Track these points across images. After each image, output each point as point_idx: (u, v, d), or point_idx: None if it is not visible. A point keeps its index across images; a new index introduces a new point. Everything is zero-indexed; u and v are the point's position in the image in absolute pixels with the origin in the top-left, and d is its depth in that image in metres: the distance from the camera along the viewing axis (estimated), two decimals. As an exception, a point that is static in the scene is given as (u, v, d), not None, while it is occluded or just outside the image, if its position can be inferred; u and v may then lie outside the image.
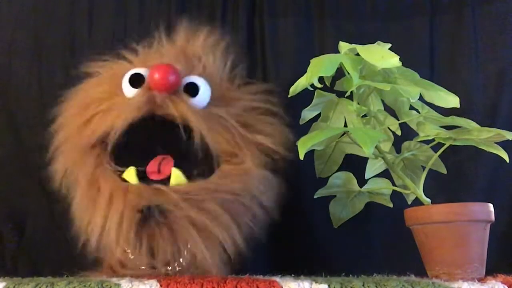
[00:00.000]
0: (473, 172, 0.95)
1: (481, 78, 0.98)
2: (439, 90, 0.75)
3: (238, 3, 1.00)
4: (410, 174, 0.84)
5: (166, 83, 0.66)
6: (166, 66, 0.68)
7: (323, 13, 1.01)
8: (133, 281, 0.57)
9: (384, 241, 0.95)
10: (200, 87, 0.70)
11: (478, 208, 0.70)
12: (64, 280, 0.57)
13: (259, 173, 0.72)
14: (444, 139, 0.75)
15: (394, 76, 0.77)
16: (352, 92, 0.77)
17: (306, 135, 0.72)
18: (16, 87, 0.95)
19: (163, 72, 0.66)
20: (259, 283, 0.58)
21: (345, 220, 0.87)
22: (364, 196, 0.86)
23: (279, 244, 0.93)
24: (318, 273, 0.68)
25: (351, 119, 0.83)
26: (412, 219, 0.73)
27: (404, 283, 0.59)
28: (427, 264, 0.72)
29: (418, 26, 1.00)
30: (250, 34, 0.99)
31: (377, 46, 0.75)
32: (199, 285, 0.57)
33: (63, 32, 0.97)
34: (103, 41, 0.97)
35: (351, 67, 0.72)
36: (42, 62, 0.95)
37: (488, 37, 0.99)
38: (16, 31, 0.96)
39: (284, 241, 0.93)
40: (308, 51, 0.98)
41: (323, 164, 0.87)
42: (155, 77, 0.66)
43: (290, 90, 0.76)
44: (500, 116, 0.96)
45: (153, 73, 0.66)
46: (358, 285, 0.57)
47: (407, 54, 0.74)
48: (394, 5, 1.01)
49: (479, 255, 0.70)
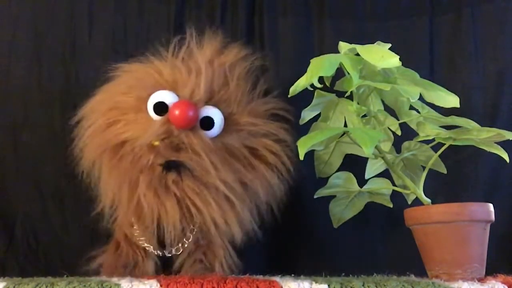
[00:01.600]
0: (473, 172, 0.95)
1: (480, 78, 0.98)
2: (439, 90, 0.75)
3: (238, 3, 1.00)
4: (410, 174, 0.84)
5: (184, 122, 0.73)
6: (187, 104, 0.73)
7: (322, 13, 1.01)
8: (133, 281, 0.57)
9: (384, 241, 0.95)
10: (215, 121, 0.75)
11: (478, 208, 0.70)
12: (64, 280, 0.57)
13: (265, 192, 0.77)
14: (444, 139, 0.75)
15: (394, 76, 0.77)
16: (352, 92, 0.77)
17: (306, 135, 0.72)
18: (16, 88, 0.94)
19: (183, 111, 0.72)
20: (259, 283, 0.58)
21: (345, 220, 0.87)
22: (364, 196, 0.86)
23: (279, 244, 0.93)
24: (318, 273, 0.68)
25: (351, 119, 0.83)
26: (412, 219, 0.73)
27: (404, 283, 0.59)
28: (427, 264, 0.72)
29: (418, 26, 1.00)
30: (249, 33, 0.99)
31: (377, 46, 0.75)
32: (199, 285, 0.57)
33: (63, 32, 0.96)
34: (103, 41, 0.97)
35: (351, 67, 0.72)
36: (42, 62, 0.95)
37: (488, 37, 0.99)
38: (16, 31, 0.96)
39: (284, 241, 0.93)
40: (307, 51, 0.98)
41: (323, 164, 0.87)
42: (175, 114, 0.72)
43: (290, 90, 0.76)
44: (499, 116, 0.96)
45: (174, 110, 0.72)
46: (358, 285, 0.57)
47: (407, 54, 0.74)
48: (393, 5, 1.01)
49: (479, 255, 0.70)
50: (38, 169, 0.93)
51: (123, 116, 0.76)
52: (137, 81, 0.79)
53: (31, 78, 0.95)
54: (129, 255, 0.79)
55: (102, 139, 0.76)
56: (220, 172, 0.73)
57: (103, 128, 0.76)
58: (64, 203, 0.93)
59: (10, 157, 0.93)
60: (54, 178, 0.93)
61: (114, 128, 0.76)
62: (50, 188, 0.93)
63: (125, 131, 0.75)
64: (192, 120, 0.73)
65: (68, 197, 0.92)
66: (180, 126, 0.73)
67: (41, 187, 0.93)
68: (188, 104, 0.73)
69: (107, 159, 0.75)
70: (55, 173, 0.92)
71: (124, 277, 0.60)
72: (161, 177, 0.72)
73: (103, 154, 0.76)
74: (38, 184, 0.93)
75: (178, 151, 0.73)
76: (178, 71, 0.78)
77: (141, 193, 0.72)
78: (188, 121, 0.73)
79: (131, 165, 0.73)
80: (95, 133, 0.77)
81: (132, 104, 0.77)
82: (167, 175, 0.72)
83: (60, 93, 0.95)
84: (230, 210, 0.74)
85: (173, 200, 0.72)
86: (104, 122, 0.76)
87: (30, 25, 0.96)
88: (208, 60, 0.79)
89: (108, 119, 0.77)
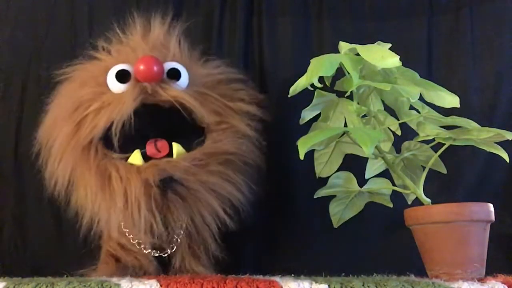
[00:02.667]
0: (473, 172, 0.95)
1: (479, 79, 0.98)
2: (439, 90, 0.75)
3: (236, 3, 1.00)
4: (410, 174, 0.84)
5: (153, 73, 0.71)
6: (150, 57, 0.72)
7: (321, 13, 1.01)
8: (133, 281, 0.57)
9: (384, 241, 0.95)
10: (181, 71, 0.76)
11: (478, 208, 0.70)
12: (64, 280, 0.58)
13: (245, 132, 0.78)
14: (444, 139, 0.75)
15: (394, 76, 0.77)
16: (352, 92, 0.77)
17: (306, 135, 0.72)
18: (16, 87, 0.94)
19: (148, 64, 0.71)
20: (259, 283, 0.58)
21: (345, 220, 0.87)
22: (364, 196, 0.86)
23: (279, 244, 0.93)
24: (318, 273, 0.68)
25: (351, 119, 0.83)
26: (412, 219, 0.73)
27: (404, 283, 0.59)
28: (427, 264, 0.72)
29: (416, 26, 1.00)
30: (248, 33, 0.99)
31: (377, 46, 0.75)
32: (199, 285, 0.57)
33: (63, 32, 0.97)
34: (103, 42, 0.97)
35: (351, 67, 0.72)
36: (42, 62, 0.95)
37: (486, 38, 0.99)
38: (16, 31, 0.96)
39: (283, 241, 0.93)
40: (306, 51, 0.98)
41: (323, 164, 0.87)
42: (141, 69, 0.71)
43: (290, 90, 0.76)
44: (497, 116, 0.96)
45: (138, 66, 0.71)
46: (358, 285, 0.57)
47: (405, 54, 0.74)
48: (392, 5, 1.01)
49: (479, 255, 0.70)
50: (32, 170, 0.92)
51: (89, 109, 0.73)
52: (89, 72, 0.78)
53: (30, 78, 0.95)
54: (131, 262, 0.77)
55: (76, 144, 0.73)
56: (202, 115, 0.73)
57: (73, 132, 0.73)
58: (54, 206, 0.91)
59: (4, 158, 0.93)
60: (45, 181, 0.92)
61: (85, 126, 0.73)
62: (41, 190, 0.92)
63: (98, 121, 0.72)
64: (159, 71, 0.72)
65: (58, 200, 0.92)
66: (150, 78, 0.71)
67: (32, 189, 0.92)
68: (150, 57, 0.72)
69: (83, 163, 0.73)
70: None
71: (124, 277, 0.60)
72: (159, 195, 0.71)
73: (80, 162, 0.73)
74: (28, 187, 0.92)
75: None
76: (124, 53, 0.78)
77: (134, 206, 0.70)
78: (156, 71, 0.71)
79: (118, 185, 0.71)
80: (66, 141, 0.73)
81: (93, 92, 0.74)
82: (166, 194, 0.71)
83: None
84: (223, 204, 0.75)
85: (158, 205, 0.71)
86: (72, 126, 0.73)
87: (30, 25, 0.96)
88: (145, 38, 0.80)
89: (74, 121, 0.73)
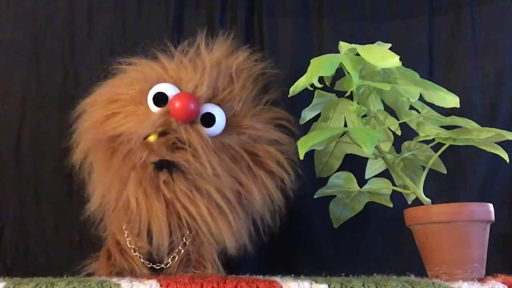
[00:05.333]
0: (473, 172, 0.95)
1: (480, 78, 0.98)
2: (439, 90, 0.75)
3: (237, 2, 0.99)
4: (410, 174, 0.84)
5: (185, 115, 0.69)
6: (188, 97, 0.70)
7: (321, 12, 1.01)
8: (133, 281, 0.57)
9: (384, 241, 0.95)
10: (217, 119, 0.72)
11: (478, 208, 0.70)
12: (64, 280, 0.57)
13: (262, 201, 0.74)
14: (444, 139, 0.75)
15: (394, 76, 0.77)
16: (352, 92, 0.77)
17: (306, 135, 0.72)
18: (15, 87, 0.94)
19: (184, 104, 0.69)
20: (259, 283, 0.57)
21: (345, 220, 0.87)
22: (364, 196, 0.86)
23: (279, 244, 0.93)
24: (318, 273, 0.68)
25: (351, 119, 0.83)
26: (412, 219, 0.73)
27: (404, 283, 0.59)
28: (427, 264, 0.72)
29: (417, 26, 1.00)
30: (248, 33, 0.99)
31: (377, 46, 0.75)
32: (199, 285, 0.57)
33: (63, 32, 0.96)
34: (103, 42, 0.97)
35: (351, 67, 0.72)
36: (42, 62, 0.95)
37: (487, 37, 0.98)
38: (16, 31, 0.96)
39: (284, 241, 0.93)
40: (306, 51, 0.98)
41: (323, 164, 0.87)
42: (175, 106, 0.69)
43: (290, 90, 0.76)
44: (499, 116, 0.96)
45: (174, 101, 0.69)
46: (358, 285, 0.57)
47: (406, 54, 0.74)
48: (393, 5, 1.01)
49: (479, 255, 0.70)
50: (33, 171, 0.92)
51: (123, 109, 0.74)
52: (140, 74, 0.77)
53: (30, 78, 0.95)
54: (122, 264, 0.75)
55: (99, 131, 0.74)
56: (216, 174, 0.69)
57: (101, 120, 0.75)
58: (56, 207, 0.92)
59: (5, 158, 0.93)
60: (47, 181, 0.92)
61: (113, 121, 0.74)
62: (43, 191, 0.92)
63: (123, 124, 0.73)
64: (192, 113, 0.69)
65: (59, 201, 0.92)
66: (180, 118, 0.69)
67: (33, 190, 0.92)
68: (189, 96, 0.70)
69: (101, 153, 0.73)
70: (49, 176, 0.92)
71: (124, 277, 0.60)
72: (152, 176, 0.69)
73: (97, 147, 0.74)
74: (30, 187, 0.92)
75: (173, 150, 0.70)
76: (183, 68, 0.76)
77: (130, 192, 0.69)
78: (188, 113, 0.69)
79: (123, 161, 0.70)
80: (93, 125, 0.75)
81: (133, 97, 0.75)
82: (158, 175, 0.69)
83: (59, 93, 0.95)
84: (222, 219, 0.70)
85: (162, 202, 0.69)
86: (103, 115, 0.75)
87: (30, 25, 0.96)
88: (216, 61, 0.77)
89: (107, 111, 0.75)
